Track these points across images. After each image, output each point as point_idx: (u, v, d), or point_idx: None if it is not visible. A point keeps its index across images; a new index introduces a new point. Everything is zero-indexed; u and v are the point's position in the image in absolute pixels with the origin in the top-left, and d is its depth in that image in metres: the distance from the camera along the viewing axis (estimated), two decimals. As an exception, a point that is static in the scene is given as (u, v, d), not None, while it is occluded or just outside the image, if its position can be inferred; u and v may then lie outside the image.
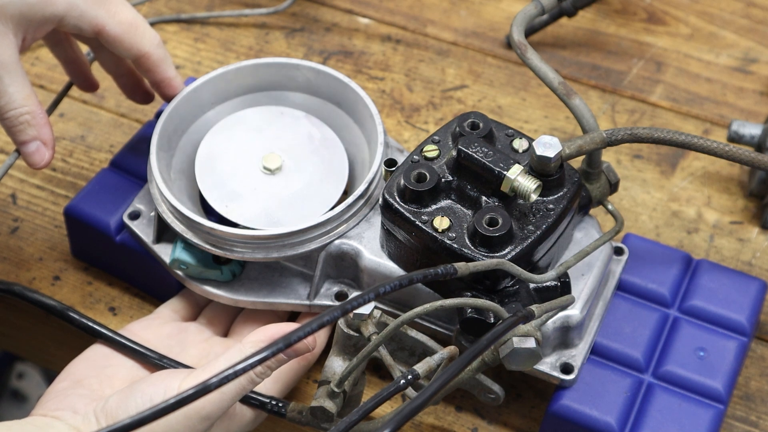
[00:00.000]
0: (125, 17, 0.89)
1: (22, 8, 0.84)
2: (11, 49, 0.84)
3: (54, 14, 0.86)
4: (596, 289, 0.86)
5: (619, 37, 1.18)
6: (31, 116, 0.85)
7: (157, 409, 0.61)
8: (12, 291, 0.94)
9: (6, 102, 0.85)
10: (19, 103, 0.85)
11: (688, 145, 0.83)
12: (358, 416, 0.71)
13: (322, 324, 0.65)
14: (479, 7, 1.21)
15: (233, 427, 0.81)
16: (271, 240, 0.84)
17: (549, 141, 0.81)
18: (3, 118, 0.85)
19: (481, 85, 1.13)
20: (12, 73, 0.84)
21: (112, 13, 0.88)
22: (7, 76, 0.84)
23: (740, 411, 0.90)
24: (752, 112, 1.11)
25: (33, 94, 0.86)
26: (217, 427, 0.80)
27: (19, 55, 0.85)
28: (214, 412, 0.77)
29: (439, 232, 0.81)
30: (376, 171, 0.88)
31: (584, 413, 0.84)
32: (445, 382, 0.69)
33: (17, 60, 0.84)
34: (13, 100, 0.85)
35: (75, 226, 0.96)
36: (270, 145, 0.93)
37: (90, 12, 0.87)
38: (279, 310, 0.89)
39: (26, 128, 0.86)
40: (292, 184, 0.91)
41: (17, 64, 0.84)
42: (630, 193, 1.04)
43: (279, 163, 0.91)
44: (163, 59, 0.91)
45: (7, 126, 0.86)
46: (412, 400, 0.66)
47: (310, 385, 0.91)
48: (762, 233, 1.01)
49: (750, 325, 0.89)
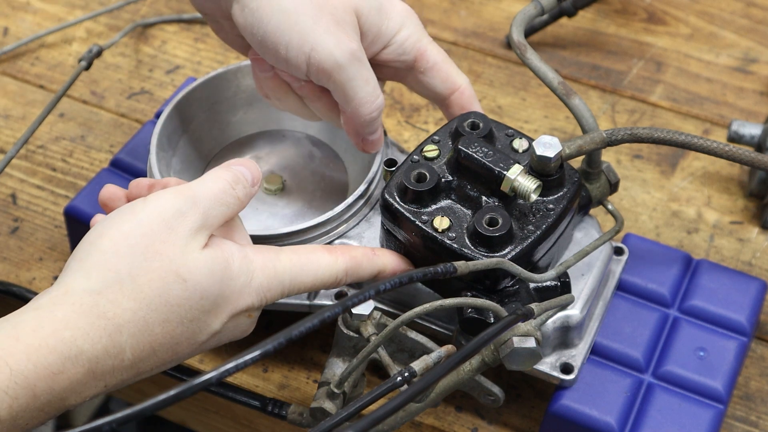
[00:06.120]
0: (439, 48, 0.86)
1: (370, 13, 0.82)
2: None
3: (388, 30, 0.84)
4: (596, 289, 0.86)
5: (619, 37, 1.18)
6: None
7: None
8: (11, 292, 0.94)
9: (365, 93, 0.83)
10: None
11: (688, 145, 0.83)
12: (352, 411, 0.71)
13: (323, 320, 0.65)
14: (479, 7, 1.21)
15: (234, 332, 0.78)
16: (272, 240, 0.84)
17: (549, 141, 0.81)
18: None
19: (481, 85, 1.13)
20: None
21: (431, 39, 0.86)
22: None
23: (740, 411, 0.90)
24: (752, 112, 1.11)
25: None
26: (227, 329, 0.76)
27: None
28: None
29: (439, 232, 0.81)
30: (376, 171, 0.88)
31: (584, 413, 0.84)
32: (440, 376, 0.69)
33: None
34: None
35: (75, 226, 0.95)
36: (271, 166, 0.95)
37: (418, 33, 0.85)
38: (279, 310, 0.89)
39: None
40: (293, 203, 0.92)
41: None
42: (630, 193, 1.04)
43: (279, 184, 0.93)
44: (474, 96, 0.88)
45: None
46: (402, 393, 0.66)
47: (310, 385, 0.91)
48: (762, 233, 1.01)
49: (750, 325, 0.89)
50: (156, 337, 0.70)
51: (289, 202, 0.93)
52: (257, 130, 0.98)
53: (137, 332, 0.69)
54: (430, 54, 0.86)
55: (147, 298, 0.69)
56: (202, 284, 0.71)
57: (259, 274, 0.74)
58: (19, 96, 1.12)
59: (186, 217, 0.71)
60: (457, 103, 0.87)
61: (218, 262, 0.72)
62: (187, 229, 0.71)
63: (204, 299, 0.71)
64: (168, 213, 0.71)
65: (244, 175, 0.76)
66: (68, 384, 0.66)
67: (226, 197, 0.74)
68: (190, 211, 0.72)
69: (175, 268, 0.70)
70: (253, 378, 0.91)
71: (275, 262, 0.75)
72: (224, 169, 0.76)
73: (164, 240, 0.70)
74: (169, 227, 0.71)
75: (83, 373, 0.67)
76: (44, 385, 0.65)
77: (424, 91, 0.88)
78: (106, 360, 0.68)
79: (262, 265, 0.74)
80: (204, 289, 0.71)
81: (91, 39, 1.17)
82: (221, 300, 0.72)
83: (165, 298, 0.69)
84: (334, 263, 0.78)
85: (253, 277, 0.74)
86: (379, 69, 0.86)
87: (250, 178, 0.76)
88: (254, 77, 0.87)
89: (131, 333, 0.68)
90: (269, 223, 0.91)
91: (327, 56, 0.80)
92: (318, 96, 0.85)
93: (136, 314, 0.68)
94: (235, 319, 0.74)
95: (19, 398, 0.64)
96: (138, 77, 1.13)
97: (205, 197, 0.73)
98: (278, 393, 0.90)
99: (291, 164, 0.96)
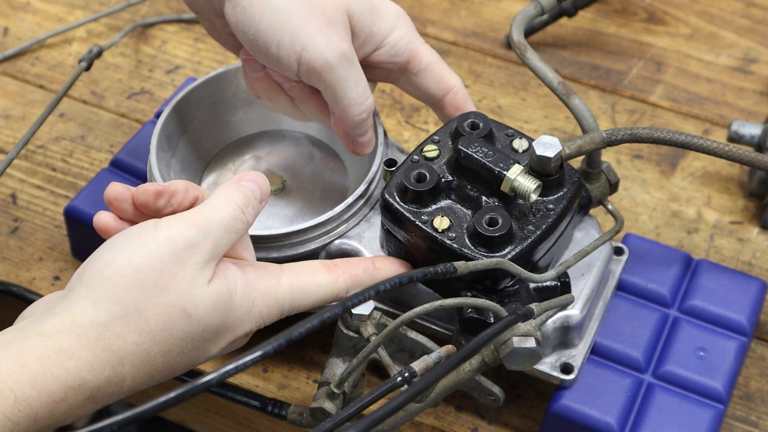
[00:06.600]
0: (431, 50, 0.86)
1: (362, 13, 0.82)
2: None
3: (381, 32, 0.84)
4: (596, 289, 0.86)
5: (619, 37, 1.18)
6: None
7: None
8: (11, 292, 0.94)
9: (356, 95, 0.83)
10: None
11: (688, 145, 0.83)
12: (352, 412, 0.70)
13: (323, 320, 0.65)
14: (479, 7, 1.21)
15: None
16: (271, 240, 0.84)
17: (549, 141, 0.81)
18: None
19: (481, 85, 1.13)
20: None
21: (423, 41, 0.86)
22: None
23: (740, 411, 0.90)
24: (752, 112, 1.11)
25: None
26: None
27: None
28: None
29: (439, 232, 0.81)
30: (376, 171, 0.88)
31: (584, 413, 0.84)
32: (440, 376, 0.69)
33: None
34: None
35: (75, 226, 0.95)
36: (271, 166, 0.95)
37: (410, 34, 0.84)
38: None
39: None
40: (293, 203, 0.92)
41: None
42: (630, 193, 1.04)
43: (279, 184, 0.93)
44: (468, 96, 0.88)
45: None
46: (402, 393, 0.66)
47: (310, 385, 0.91)
48: (762, 233, 1.01)
49: (750, 325, 0.89)
50: (156, 367, 0.71)
51: (289, 202, 0.93)
52: (257, 130, 0.98)
53: (139, 363, 0.70)
54: (423, 55, 0.86)
55: (152, 332, 0.70)
56: (206, 319, 0.71)
57: (260, 302, 0.75)
58: (19, 96, 1.12)
59: (197, 250, 0.71)
60: (451, 104, 0.87)
61: (222, 294, 0.72)
62: (196, 262, 0.71)
63: (206, 331, 0.72)
64: (179, 245, 0.71)
65: (254, 193, 0.76)
66: (68, 410, 0.67)
67: (236, 224, 0.74)
68: (201, 243, 0.72)
69: (182, 304, 0.70)
70: (253, 378, 0.91)
71: (276, 289, 0.75)
72: (236, 189, 0.75)
73: (174, 274, 0.70)
74: (180, 261, 0.71)
75: (84, 399, 0.68)
76: (45, 412, 0.66)
77: (417, 93, 0.88)
78: (107, 388, 0.69)
79: (264, 293, 0.75)
80: (207, 323, 0.71)
81: (91, 39, 1.17)
82: (222, 330, 0.73)
83: (169, 332, 0.70)
84: (334, 283, 0.78)
85: (254, 305, 0.74)
86: (371, 70, 0.86)
87: (259, 195, 0.76)
88: (245, 78, 0.87)
89: (133, 364, 0.69)
90: (269, 223, 0.91)
91: (318, 56, 0.80)
92: (309, 97, 0.85)
93: (139, 347, 0.69)
94: (232, 343, 0.75)
95: (21, 424, 0.65)
96: (138, 77, 1.13)
97: (216, 226, 0.73)
98: (278, 393, 0.90)
99: (291, 164, 0.96)
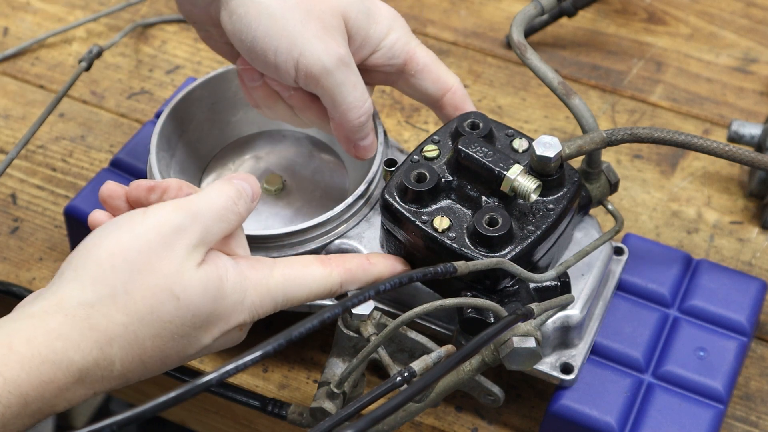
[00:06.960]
0: (427, 50, 0.86)
1: (357, 17, 0.82)
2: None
3: (376, 35, 0.84)
4: (596, 289, 0.86)
5: (619, 37, 1.18)
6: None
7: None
8: (11, 292, 0.94)
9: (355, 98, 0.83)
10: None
11: (688, 145, 0.83)
12: (351, 411, 0.70)
13: (323, 320, 0.65)
14: (479, 7, 1.21)
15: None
16: (271, 240, 0.84)
17: (549, 141, 0.81)
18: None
19: (481, 85, 1.13)
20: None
21: (419, 42, 0.85)
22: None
23: (740, 411, 0.90)
24: (752, 112, 1.11)
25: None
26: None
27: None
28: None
29: (439, 232, 0.80)
30: (376, 171, 0.88)
31: (584, 413, 0.84)
32: (440, 376, 0.69)
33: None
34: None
35: (75, 226, 0.95)
36: (271, 166, 0.95)
37: (406, 36, 0.84)
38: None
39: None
40: (293, 203, 0.92)
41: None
42: (630, 193, 1.04)
43: (279, 184, 0.93)
44: (466, 95, 0.88)
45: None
46: (401, 392, 0.66)
47: (310, 385, 0.91)
48: (762, 233, 1.01)
49: (750, 325, 0.89)
50: (146, 351, 0.70)
51: (289, 202, 0.93)
52: (257, 130, 0.98)
53: (127, 345, 0.69)
54: (420, 56, 0.86)
55: (139, 314, 0.69)
56: (195, 302, 0.71)
57: (252, 292, 0.74)
58: (19, 96, 1.12)
59: (185, 234, 0.71)
60: (450, 104, 0.87)
61: (212, 280, 0.72)
62: (184, 245, 0.71)
63: (196, 317, 0.71)
64: (166, 228, 0.71)
65: (245, 190, 0.76)
66: (58, 391, 0.67)
67: (228, 213, 0.74)
68: (190, 227, 0.72)
69: (169, 285, 0.70)
70: (253, 378, 0.91)
71: (268, 279, 0.75)
72: (227, 183, 0.75)
73: (161, 256, 0.70)
74: (167, 243, 0.71)
75: (73, 381, 0.67)
76: (36, 393, 0.66)
77: (416, 94, 0.88)
78: (96, 371, 0.68)
79: (256, 283, 0.75)
80: (196, 307, 0.71)
81: (91, 39, 1.17)
82: (213, 317, 0.72)
83: (157, 314, 0.70)
84: (328, 276, 0.78)
85: (246, 294, 0.74)
86: (369, 74, 0.86)
87: (250, 193, 0.76)
88: (243, 87, 0.87)
89: (121, 346, 0.69)
90: (269, 223, 0.91)
91: (315, 61, 0.80)
92: (307, 105, 0.85)
93: (127, 328, 0.69)
94: (226, 334, 0.74)
95: (12, 406, 0.65)
96: (138, 77, 1.13)
97: (207, 213, 0.73)
98: (278, 393, 0.90)
99: (291, 164, 0.96)
